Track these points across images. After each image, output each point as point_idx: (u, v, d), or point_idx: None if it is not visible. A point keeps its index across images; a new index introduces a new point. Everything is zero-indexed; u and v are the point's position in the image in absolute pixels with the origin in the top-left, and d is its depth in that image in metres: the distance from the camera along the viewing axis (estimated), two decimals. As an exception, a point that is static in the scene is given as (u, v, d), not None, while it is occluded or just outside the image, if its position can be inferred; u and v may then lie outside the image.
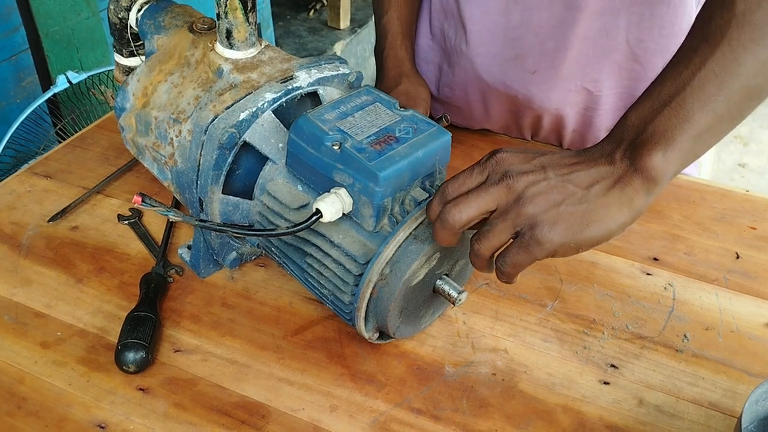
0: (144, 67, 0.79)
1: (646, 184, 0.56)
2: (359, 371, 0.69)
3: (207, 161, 0.68)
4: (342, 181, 0.63)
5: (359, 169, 0.61)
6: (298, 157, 0.66)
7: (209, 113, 0.67)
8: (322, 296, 0.69)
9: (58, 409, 0.64)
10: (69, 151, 0.98)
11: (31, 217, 0.86)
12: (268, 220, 0.70)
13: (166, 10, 0.80)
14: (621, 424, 0.65)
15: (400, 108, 0.67)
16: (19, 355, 0.69)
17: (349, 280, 0.64)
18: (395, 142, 0.63)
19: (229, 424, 0.64)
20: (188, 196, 0.72)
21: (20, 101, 1.91)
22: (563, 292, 0.78)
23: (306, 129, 0.64)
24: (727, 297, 0.79)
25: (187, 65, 0.76)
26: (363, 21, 3.21)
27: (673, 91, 0.57)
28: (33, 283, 0.77)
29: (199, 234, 0.74)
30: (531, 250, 0.55)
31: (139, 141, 0.78)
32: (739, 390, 0.69)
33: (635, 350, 0.72)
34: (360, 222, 0.64)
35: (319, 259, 0.66)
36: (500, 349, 0.72)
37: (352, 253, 0.64)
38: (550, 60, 0.92)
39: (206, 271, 0.78)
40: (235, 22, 0.70)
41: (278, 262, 0.74)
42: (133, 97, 0.79)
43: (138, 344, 0.67)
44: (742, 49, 0.57)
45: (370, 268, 0.62)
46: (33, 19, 1.87)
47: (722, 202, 0.93)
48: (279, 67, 0.72)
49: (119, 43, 0.85)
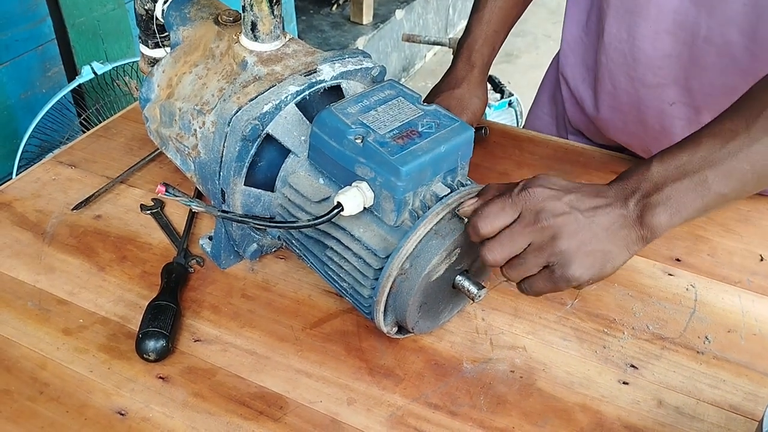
0: (169, 58, 0.79)
1: (646, 236, 0.61)
2: (377, 365, 0.69)
3: (230, 153, 0.68)
4: (364, 174, 0.63)
5: (381, 163, 0.61)
6: (321, 150, 0.66)
7: (233, 105, 0.68)
8: (342, 289, 0.69)
9: (79, 396, 0.65)
10: (93, 141, 0.99)
11: (56, 205, 0.87)
12: (290, 213, 0.70)
13: (193, 2, 0.81)
14: (640, 424, 0.65)
15: (423, 103, 0.67)
16: (42, 341, 0.70)
17: (368, 273, 0.64)
18: (418, 136, 0.63)
19: (247, 414, 0.64)
20: (210, 187, 0.72)
21: (46, 91, 1.93)
22: (583, 291, 0.78)
23: (329, 122, 0.64)
24: (750, 299, 0.78)
25: (212, 57, 0.76)
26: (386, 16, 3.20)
27: (701, 164, 0.60)
28: (56, 271, 0.78)
29: (221, 225, 0.75)
30: (558, 284, 0.61)
31: (163, 132, 0.78)
32: (761, 393, 0.68)
33: (655, 351, 0.72)
34: (381, 216, 0.64)
35: (340, 253, 0.66)
36: (519, 346, 0.72)
37: (372, 246, 0.64)
38: (692, 98, 0.87)
39: (227, 262, 0.78)
40: (261, 14, 0.71)
41: (298, 254, 0.74)
42: (158, 88, 0.79)
43: (158, 333, 0.68)
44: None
45: (390, 262, 0.62)
46: (60, 9, 1.89)
47: (747, 203, 0.91)
48: (303, 60, 0.72)
49: (145, 34, 0.86)
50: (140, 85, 0.82)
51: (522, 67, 3.60)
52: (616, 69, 0.91)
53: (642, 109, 0.92)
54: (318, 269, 0.71)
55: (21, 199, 0.87)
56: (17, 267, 0.78)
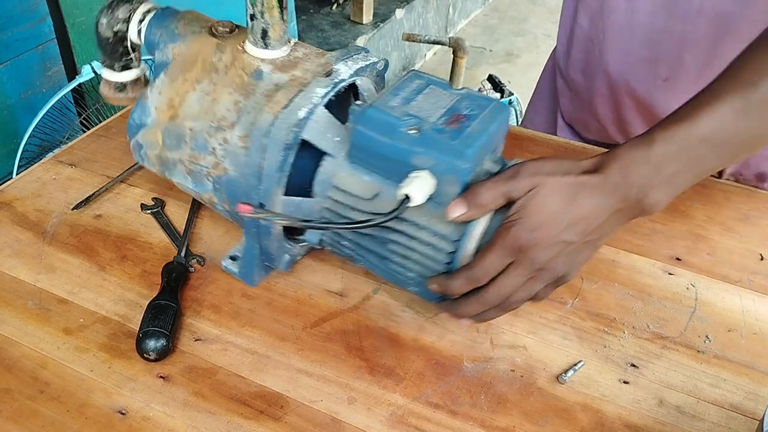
0: (164, 78, 0.76)
1: (641, 214, 0.62)
2: (378, 364, 0.69)
3: (271, 164, 0.66)
4: (422, 164, 0.63)
5: (444, 149, 0.62)
6: (367, 147, 0.66)
7: (268, 115, 0.66)
8: (405, 281, 0.70)
9: (79, 395, 0.65)
10: (93, 140, 0.99)
11: (56, 204, 0.87)
12: (339, 215, 0.70)
13: (177, 18, 0.78)
14: (640, 423, 0.65)
15: (451, 87, 0.69)
16: (42, 340, 0.70)
17: (440, 258, 0.65)
18: (466, 119, 0.65)
19: (247, 414, 0.64)
20: None
21: (46, 90, 1.93)
22: (583, 290, 0.78)
23: (377, 118, 0.65)
24: (750, 298, 0.78)
25: (215, 71, 0.73)
26: (386, 16, 3.21)
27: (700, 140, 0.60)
28: (57, 270, 0.78)
29: (253, 242, 0.73)
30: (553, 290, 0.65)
31: (169, 155, 0.76)
32: (762, 392, 0.68)
33: (656, 350, 0.72)
34: (444, 201, 0.64)
35: (404, 244, 0.67)
36: (519, 345, 0.72)
37: (441, 232, 0.65)
38: (686, 72, 0.89)
39: (258, 278, 0.77)
40: (272, 20, 0.69)
41: (347, 254, 0.73)
42: (156, 111, 0.76)
43: (159, 332, 0.68)
44: None
45: (466, 242, 0.63)
46: (60, 9, 1.89)
47: (747, 202, 0.91)
48: (317, 62, 0.72)
49: (110, 58, 0.80)
50: (132, 111, 0.79)
51: (522, 66, 3.61)
52: (614, 45, 0.91)
53: (634, 86, 0.93)
54: (375, 265, 0.71)
55: (21, 199, 0.87)
56: (17, 266, 0.78)
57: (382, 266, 0.70)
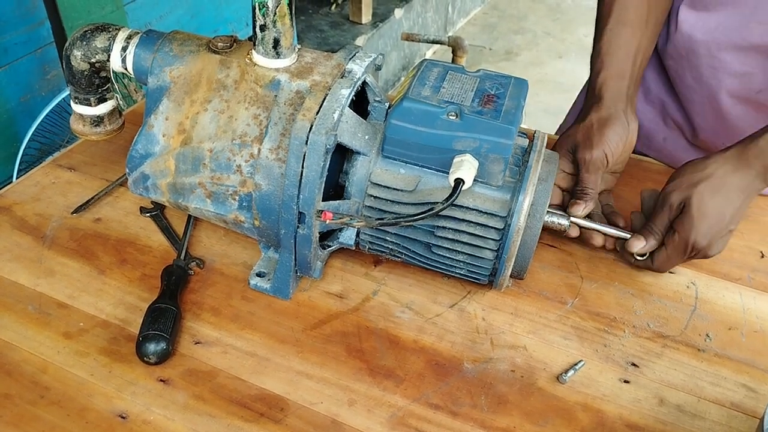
0: (168, 104, 0.72)
1: None
2: (378, 366, 0.69)
3: (312, 171, 0.66)
4: (465, 147, 0.65)
5: (488, 129, 0.64)
6: (403, 140, 0.67)
7: (303, 123, 0.65)
8: (452, 265, 0.71)
9: (80, 399, 0.65)
10: (93, 144, 0.99)
11: (55, 208, 0.87)
12: (381, 210, 0.70)
13: (168, 39, 0.74)
14: (641, 423, 0.65)
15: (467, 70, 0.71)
16: (42, 345, 0.70)
17: (491, 235, 0.68)
18: (497, 98, 0.67)
19: (248, 417, 0.64)
20: (284, 215, 0.69)
21: (45, 94, 1.93)
22: (583, 289, 0.78)
23: (415, 109, 0.66)
24: (751, 296, 0.78)
25: (224, 88, 0.71)
26: (385, 15, 3.20)
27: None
28: (56, 274, 0.78)
29: (289, 254, 0.72)
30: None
31: (185, 181, 0.73)
32: (762, 390, 0.68)
33: (656, 349, 0.72)
34: (487, 180, 0.67)
35: (454, 228, 0.68)
36: (519, 345, 0.72)
37: (490, 210, 0.67)
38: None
39: (292, 291, 0.76)
40: (283, 29, 0.69)
41: (388, 251, 0.74)
42: (165, 138, 0.73)
43: (159, 336, 0.68)
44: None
45: (517, 216, 0.66)
46: (58, 12, 1.89)
47: (747, 200, 0.91)
48: (329, 64, 0.71)
49: (86, 92, 0.77)
50: (134, 143, 0.74)
51: (522, 64, 3.60)
52: (687, 67, 0.92)
53: (721, 98, 0.91)
54: (420, 255, 0.72)
55: (21, 203, 0.87)
56: (17, 271, 0.78)
57: (427, 255, 0.72)
